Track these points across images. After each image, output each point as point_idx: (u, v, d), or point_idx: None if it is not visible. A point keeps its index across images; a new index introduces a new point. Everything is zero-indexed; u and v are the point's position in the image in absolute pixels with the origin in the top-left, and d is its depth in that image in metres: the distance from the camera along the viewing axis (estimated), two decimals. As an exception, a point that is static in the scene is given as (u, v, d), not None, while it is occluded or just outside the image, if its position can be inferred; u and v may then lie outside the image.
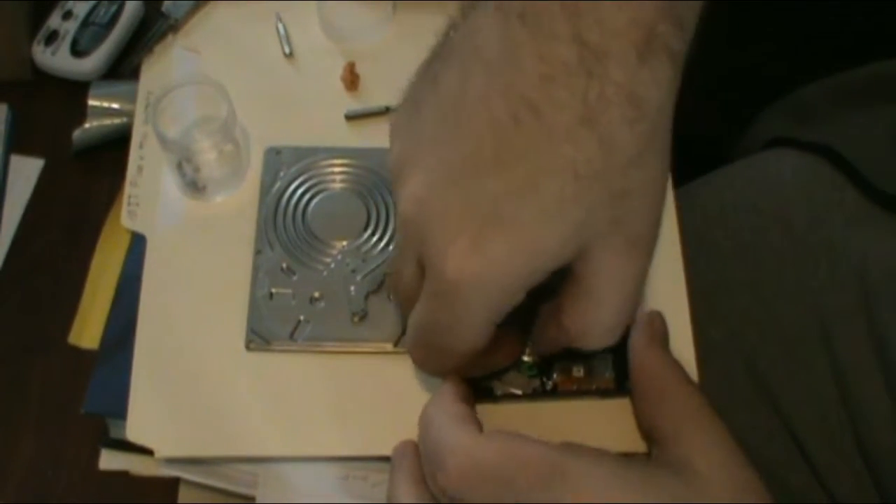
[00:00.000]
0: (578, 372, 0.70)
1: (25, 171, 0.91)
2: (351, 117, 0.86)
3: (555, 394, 0.70)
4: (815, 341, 0.87)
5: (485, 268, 0.55)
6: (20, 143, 0.93)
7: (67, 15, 0.96)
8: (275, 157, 0.83)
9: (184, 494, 0.77)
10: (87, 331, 0.82)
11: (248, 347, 0.76)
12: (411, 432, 0.73)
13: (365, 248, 0.79)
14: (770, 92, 1.04)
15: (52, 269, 0.86)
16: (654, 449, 0.63)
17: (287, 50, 0.90)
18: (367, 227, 0.80)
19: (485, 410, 0.67)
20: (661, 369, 0.65)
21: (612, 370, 0.70)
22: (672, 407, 0.63)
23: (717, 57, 0.83)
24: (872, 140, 0.89)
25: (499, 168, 0.54)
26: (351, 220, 0.80)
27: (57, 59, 0.94)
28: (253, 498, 0.74)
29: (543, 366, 0.70)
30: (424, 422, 0.64)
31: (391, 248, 0.79)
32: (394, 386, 0.75)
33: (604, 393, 0.70)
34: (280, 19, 0.91)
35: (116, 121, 0.90)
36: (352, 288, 0.77)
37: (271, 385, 0.75)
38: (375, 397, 0.75)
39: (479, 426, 0.61)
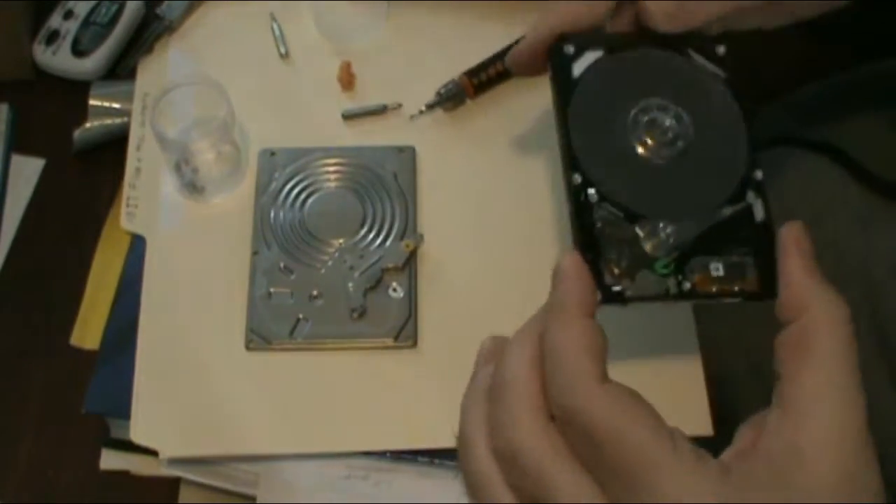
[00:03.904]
0: (717, 271, 0.61)
1: (26, 171, 0.91)
2: (348, 116, 0.86)
3: (692, 295, 0.60)
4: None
5: None
6: (21, 142, 0.93)
7: (68, 14, 0.96)
8: (269, 159, 0.84)
9: (185, 494, 0.77)
10: (90, 332, 0.83)
11: (248, 347, 0.77)
12: (413, 426, 0.74)
13: (362, 245, 0.80)
14: (772, 91, 1.03)
15: (53, 268, 0.86)
16: (776, 405, 0.53)
17: (282, 50, 0.90)
18: (363, 224, 0.80)
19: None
20: (816, 319, 0.54)
21: (755, 271, 0.61)
22: (812, 377, 0.53)
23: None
24: (875, 138, 0.89)
25: None
26: (347, 217, 0.81)
27: (58, 59, 0.94)
28: (254, 498, 0.75)
29: (678, 264, 0.60)
30: (550, 345, 0.54)
31: (388, 244, 0.79)
32: (394, 380, 0.76)
33: (748, 296, 0.61)
34: (275, 19, 0.91)
35: (117, 120, 0.90)
36: (350, 285, 0.78)
37: (272, 383, 0.76)
38: (376, 392, 0.76)
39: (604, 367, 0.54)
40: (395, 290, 0.78)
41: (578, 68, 0.64)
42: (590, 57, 0.65)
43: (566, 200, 0.60)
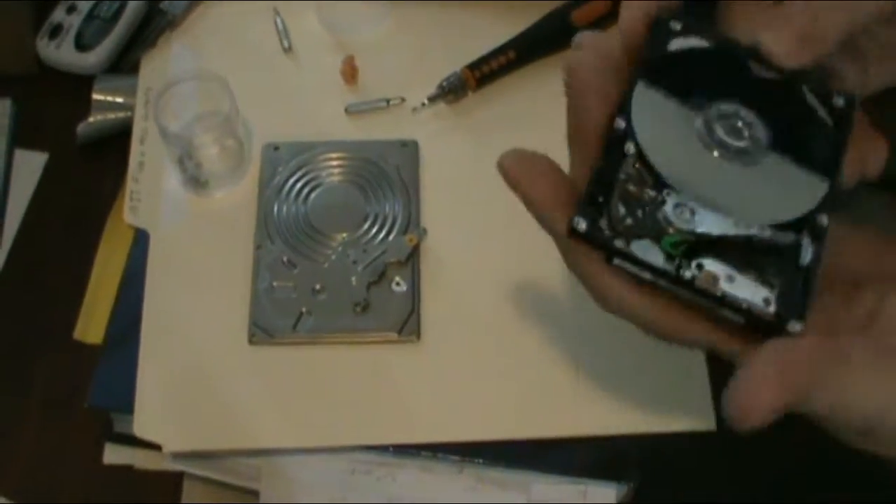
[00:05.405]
0: (729, 280, 0.51)
1: (29, 165, 0.91)
2: (351, 111, 0.86)
3: (689, 286, 0.51)
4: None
5: None
6: (24, 137, 0.93)
7: (71, 9, 0.96)
8: (273, 153, 0.84)
9: (188, 488, 0.77)
10: (93, 327, 0.82)
11: (251, 341, 0.77)
12: (415, 421, 0.74)
13: (365, 239, 0.80)
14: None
15: (56, 263, 0.86)
16: None
17: (286, 45, 0.90)
18: (366, 218, 0.81)
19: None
20: None
21: (774, 303, 0.50)
22: None
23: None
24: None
25: None
26: (350, 211, 0.81)
27: (61, 53, 0.94)
28: (257, 492, 0.75)
29: (689, 251, 0.51)
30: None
31: (391, 238, 0.80)
32: (397, 375, 0.76)
33: (754, 320, 0.50)
34: (278, 14, 0.91)
35: (121, 115, 0.90)
36: (353, 279, 0.78)
37: (275, 378, 0.76)
38: (379, 387, 0.76)
39: None
40: (398, 284, 0.78)
41: (675, 45, 0.57)
42: (692, 42, 0.58)
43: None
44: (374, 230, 0.80)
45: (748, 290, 0.50)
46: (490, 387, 0.75)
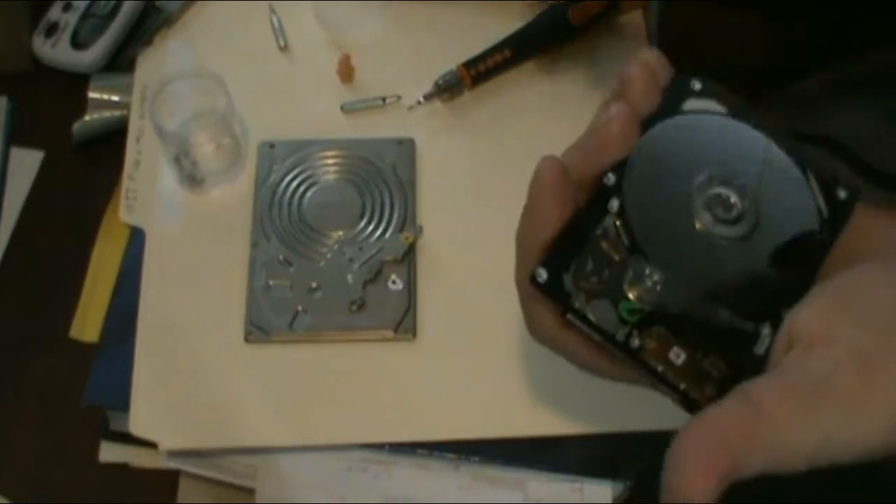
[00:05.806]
0: (676, 357, 0.51)
1: (25, 164, 0.91)
2: (347, 109, 0.87)
3: (634, 356, 0.52)
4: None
5: None
6: (20, 135, 0.93)
7: (68, 7, 0.96)
8: (269, 151, 0.84)
9: (184, 486, 0.77)
10: (88, 325, 0.82)
11: (247, 339, 0.77)
12: (411, 419, 0.74)
13: (361, 237, 0.80)
14: (768, 86, 1.03)
15: (52, 261, 0.86)
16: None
17: (282, 43, 0.90)
18: (362, 216, 0.81)
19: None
20: None
21: (715, 389, 0.51)
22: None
23: (720, 52, 0.83)
24: (872, 129, 0.89)
25: None
26: (346, 209, 0.81)
27: (57, 51, 0.94)
28: (253, 490, 0.75)
29: (643, 320, 0.51)
30: None
31: (387, 236, 0.80)
32: (394, 372, 0.76)
33: (689, 403, 0.51)
34: (274, 12, 0.91)
35: (117, 113, 0.90)
36: (349, 277, 0.78)
37: (272, 376, 0.76)
38: (375, 385, 0.76)
39: None
40: (394, 282, 0.78)
41: (690, 105, 0.56)
42: (708, 105, 0.56)
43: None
44: (371, 228, 0.80)
45: (692, 370, 0.51)
46: (486, 384, 0.75)
